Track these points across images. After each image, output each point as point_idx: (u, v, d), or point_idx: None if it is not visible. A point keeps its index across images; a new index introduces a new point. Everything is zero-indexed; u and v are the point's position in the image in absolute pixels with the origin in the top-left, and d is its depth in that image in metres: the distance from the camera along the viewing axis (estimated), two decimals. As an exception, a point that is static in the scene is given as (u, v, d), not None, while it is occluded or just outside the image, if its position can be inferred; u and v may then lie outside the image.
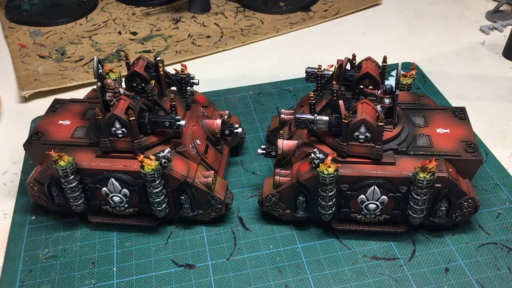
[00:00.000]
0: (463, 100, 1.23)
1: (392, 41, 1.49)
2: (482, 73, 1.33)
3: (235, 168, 1.04)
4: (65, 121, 0.94)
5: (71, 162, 0.82)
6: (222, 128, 0.97)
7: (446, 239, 0.88)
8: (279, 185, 0.87)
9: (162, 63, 0.92)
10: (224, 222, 0.93)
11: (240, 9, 1.66)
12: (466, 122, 0.92)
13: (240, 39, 1.49)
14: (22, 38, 1.53)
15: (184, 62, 1.38)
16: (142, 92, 0.91)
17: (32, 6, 1.67)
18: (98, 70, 0.85)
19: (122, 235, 0.91)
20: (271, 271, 0.84)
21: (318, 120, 0.83)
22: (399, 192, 0.82)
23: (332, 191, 0.81)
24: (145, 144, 0.85)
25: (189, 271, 0.85)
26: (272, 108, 1.21)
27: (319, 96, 0.96)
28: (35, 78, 1.33)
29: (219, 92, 1.27)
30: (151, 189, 0.83)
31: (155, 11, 1.67)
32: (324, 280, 0.83)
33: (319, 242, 0.89)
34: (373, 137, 0.80)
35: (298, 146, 0.89)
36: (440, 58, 1.40)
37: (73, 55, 1.43)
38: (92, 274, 0.85)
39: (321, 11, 1.63)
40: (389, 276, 0.83)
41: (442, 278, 0.82)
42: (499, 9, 1.59)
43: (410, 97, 0.98)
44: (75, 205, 0.87)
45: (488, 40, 1.47)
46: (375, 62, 0.90)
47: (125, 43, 1.49)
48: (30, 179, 0.89)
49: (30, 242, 0.90)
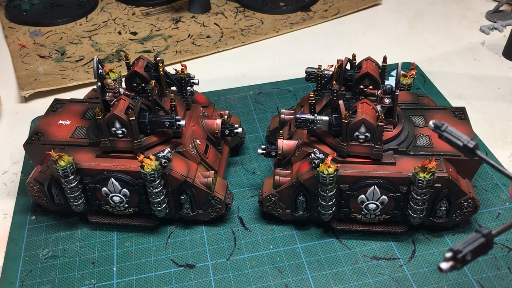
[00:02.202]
0: (463, 100, 1.23)
1: (392, 41, 1.49)
2: (482, 73, 1.33)
3: (235, 168, 1.04)
4: (65, 121, 0.94)
5: (71, 162, 0.82)
6: (222, 128, 0.97)
7: (446, 239, 0.88)
8: (279, 185, 0.87)
9: (162, 63, 0.92)
10: (224, 222, 0.93)
11: (240, 9, 1.66)
12: (466, 122, 0.92)
13: (240, 39, 1.49)
14: (22, 38, 1.53)
15: (184, 62, 1.38)
16: (142, 92, 0.91)
17: (32, 6, 1.67)
18: (98, 70, 0.85)
19: (122, 235, 0.91)
20: (271, 271, 0.84)
21: (318, 120, 0.83)
22: (399, 192, 0.82)
23: (332, 191, 0.81)
24: (145, 144, 0.85)
25: (189, 271, 0.85)
26: (272, 108, 1.21)
27: (319, 96, 0.96)
28: (35, 78, 1.33)
29: (219, 92, 1.27)
30: (151, 189, 0.83)
31: (155, 11, 1.67)
32: (324, 280, 0.83)
33: (319, 242, 0.89)
34: (373, 137, 0.80)
35: (298, 146, 0.89)
36: (440, 58, 1.40)
37: (73, 55, 1.43)
38: (92, 274, 0.85)
39: (321, 11, 1.63)
40: (389, 276, 0.83)
41: (442, 278, 0.82)
42: (499, 9, 1.59)
43: (410, 97, 0.98)
44: (75, 205, 0.87)
45: (488, 40, 1.47)
46: (375, 62, 0.90)
47: (125, 43, 1.49)
48: (30, 179, 0.89)
49: (30, 242, 0.90)
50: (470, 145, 0.45)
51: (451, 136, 0.46)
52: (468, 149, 0.45)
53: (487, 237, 0.41)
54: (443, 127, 0.46)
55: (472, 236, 0.42)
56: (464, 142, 0.45)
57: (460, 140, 0.46)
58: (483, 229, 0.42)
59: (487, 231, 0.42)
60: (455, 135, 0.46)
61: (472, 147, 0.45)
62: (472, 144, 0.45)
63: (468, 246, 0.41)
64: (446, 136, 0.46)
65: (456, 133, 0.46)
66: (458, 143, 0.46)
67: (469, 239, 0.41)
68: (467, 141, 0.45)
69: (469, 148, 0.45)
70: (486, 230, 0.42)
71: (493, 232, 0.42)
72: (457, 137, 0.46)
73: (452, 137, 0.46)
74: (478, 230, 0.42)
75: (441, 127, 0.47)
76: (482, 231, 0.42)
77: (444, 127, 0.46)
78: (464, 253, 0.41)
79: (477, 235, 0.42)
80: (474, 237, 0.42)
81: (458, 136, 0.46)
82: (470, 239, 0.41)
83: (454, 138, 0.46)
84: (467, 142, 0.45)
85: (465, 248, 0.41)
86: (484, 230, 0.42)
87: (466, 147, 0.45)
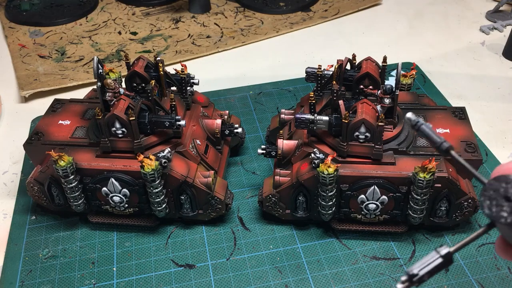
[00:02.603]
0: (463, 100, 1.23)
1: (392, 41, 1.49)
2: (482, 73, 1.33)
3: (235, 168, 1.04)
4: (65, 121, 0.94)
5: (71, 162, 0.82)
6: (222, 128, 0.97)
7: (446, 239, 0.88)
8: (279, 185, 0.87)
9: (162, 63, 0.92)
10: (224, 222, 0.93)
11: (240, 9, 1.66)
12: (466, 122, 0.92)
13: (240, 39, 1.49)
14: (22, 38, 1.53)
15: (184, 62, 1.38)
16: (142, 92, 0.91)
17: (32, 6, 1.67)
18: (98, 70, 0.85)
19: (122, 235, 0.91)
20: (271, 271, 0.84)
21: (318, 120, 0.83)
22: (399, 192, 0.82)
23: (332, 191, 0.81)
24: (145, 144, 0.85)
25: (189, 271, 0.85)
26: (272, 108, 1.21)
27: (319, 96, 0.96)
28: (35, 78, 1.33)
29: (219, 92, 1.27)
30: (151, 189, 0.83)
31: (155, 11, 1.67)
32: (324, 280, 0.83)
33: (319, 242, 0.89)
34: (373, 137, 0.80)
35: (298, 146, 0.89)
36: (440, 58, 1.40)
37: (73, 55, 1.43)
38: (92, 274, 0.85)
39: (321, 11, 1.63)
40: (389, 276, 0.83)
41: (442, 278, 0.82)
42: (499, 9, 1.59)
43: (410, 97, 0.98)
44: (75, 205, 0.87)
45: (488, 40, 1.47)
46: (375, 62, 0.90)
47: (125, 43, 1.49)
48: (30, 179, 0.89)
49: (30, 242, 0.90)
50: (445, 145, 0.44)
51: (426, 134, 0.45)
52: (442, 149, 0.45)
53: (445, 258, 0.42)
54: (417, 125, 0.46)
55: (430, 256, 0.42)
56: (439, 141, 0.45)
57: (435, 139, 0.45)
58: (441, 249, 0.42)
59: (446, 251, 0.42)
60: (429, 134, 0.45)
61: (447, 147, 0.44)
62: (446, 145, 0.44)
63: (425, 268, 0.41)
64: (420, 133, 0.46)
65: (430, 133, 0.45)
66: (434, 140, 0.45)
67: (427, 260, 0.42)
68: (442, 141, 0.45)
69: (443, 147, 0.44)
70: (445, 250, 0.42)
71: (451, 250, 0.42)
72: (432, 137, 0.45)
73: (425, 136, 0.46)
74: (437, 249, 0.42)
75: (415, 125, 0.46)
76: (440, 252, 0.42)
77: (419, 124, 0.46)
78: (420, 275, 0.41)
79: (435, 255, 0.42)
80: (432, 258, 0.42)
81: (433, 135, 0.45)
82: (428, 260, 0.42)
83: (428, 137, 0.45)
84: (442, 141, 0.45)
85: (421, 270, 0.41)
86: (443, 251, 0.42)
87: (441, 146, 0.45)
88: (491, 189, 0.41)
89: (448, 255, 0.42)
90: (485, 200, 0.41)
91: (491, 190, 0.41)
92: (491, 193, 0.41)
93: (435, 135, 0.45)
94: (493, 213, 0.41)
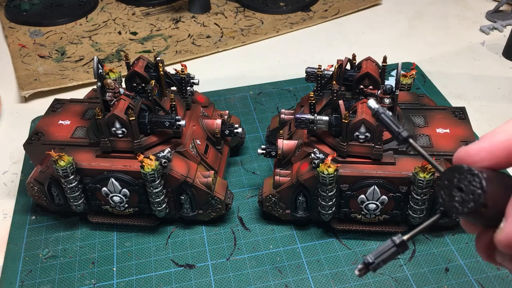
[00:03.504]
0: (463, 100, 1.23)
1: (392, 41, 1.49)
2: (482, 73, 1.33)
3: (235, 168, 1.04)
4: (65, 121, 0.94)
5: (71, 162, 0.82)
6: (222, 128, 0.97)
7: (446, 239, 0.88)
8: (279, 185, 0.87)
9: (162, 63, 0.92)
10: (224, 222, 0.93)
11: (240, 9, 1.66)
12: (466, 122, 0.92)
13: (240, 39, 1.49)
14: (22, 38, 1.53)
15: (184, 62, 1.38)
16: (142, 92, 0.91)
17: (32, 6, 1.67)
18: (98, 70, 0.85)
19: (122, 235, 0.91)
20: (271, 271, 0.84)
21: (318, 120, 0.83)
22: (399, 192, 0.82)
23: (332, 191, 0.81)
24: (145, 144, 0.85)
25: (189, 271, 0.85)
26: (272, 108, 1.21)
27: (319, 96, 0.96)
28: (35, 78, 1.33)
29: (219, 92, 1.27)
30: (151, 189, 0.83)
31: (155, 11, 1.67)
32: (324, 280, 0.83)
33: (319, 242, 0.89)
34: (373, 137, 0.80)
35: (298, 146, 0.89)
36: (440, 58, 1.40)
37: (73, 55, 1.43)
38: (92, 274, 0.85)
39: (321, 11, 1.63)
40: (389, 276, 0.83)
41: (442, 278, 0.82)
42: (499, 9, 1.59)
43: (410, 97, 0.98)
44: (75, 205, 0.87)
45: (488, 40, 1.47)
46: (375, 62, 0.90)
47: (125, 43, 1.49)
48: (30, 179, 0.89)
49: (30, 242, 0.90)
50: (403, 134, 0.45)
51: (385, 123, 0.46)
52: (401, 138, 0.45)
53: (399, 246, 0.43)
54: (377, 114, 0.46)
55: (385, 245, 0.43)
56: (398, 131, 0.45)
57: (393, 128, 0.45)
58: (396, 239, 0.43)
59: (400, 240, 0.43)
60: (388, 123, 0.45)
61: (406, 136, 0.45)
62: (405, 134, 0.45)
63: (381, 256, 0.43)
64: (381, 121, 0.46)
65: (389, 122, 0.45)
66: (392, 129, 0.45)
67: (382, 249, 0.43)
68: (401, 130, 0.45)
69: (401, 136, 0.45)
70: (399, 240, 0.43)
71: (405, 238, 0.43)
72: (391, 126, 0.45)
73: (384, 125, 0.46)
74: (392, 238, 0.43)
75: (374, 114, 0.46)
76: (395, 241, 0.43)
77: (378, 113, 0.46)
78: (376, 263, 0.43)
79: (390, 243, 0.43)
80: (387, 246, 0.43)
81: (392, 124, 0.45)
82: (384, 249, 0.43)
83: (386, 126, 0.46)
84: (401, 130, 0.45)
85: (377, 259, 0.43)
86: (397, 240, 0.43)
87: (399, 135, 0.45)
88: (445, 179, 0.42)
89: (403, 243, 0.43)
90: (440, 190, 0.42)
91: (445, 180, 0.42)
92: (445, 183, 0.41)
93: (395, 124, 0.45)
94: (446, 202, 0.41)
